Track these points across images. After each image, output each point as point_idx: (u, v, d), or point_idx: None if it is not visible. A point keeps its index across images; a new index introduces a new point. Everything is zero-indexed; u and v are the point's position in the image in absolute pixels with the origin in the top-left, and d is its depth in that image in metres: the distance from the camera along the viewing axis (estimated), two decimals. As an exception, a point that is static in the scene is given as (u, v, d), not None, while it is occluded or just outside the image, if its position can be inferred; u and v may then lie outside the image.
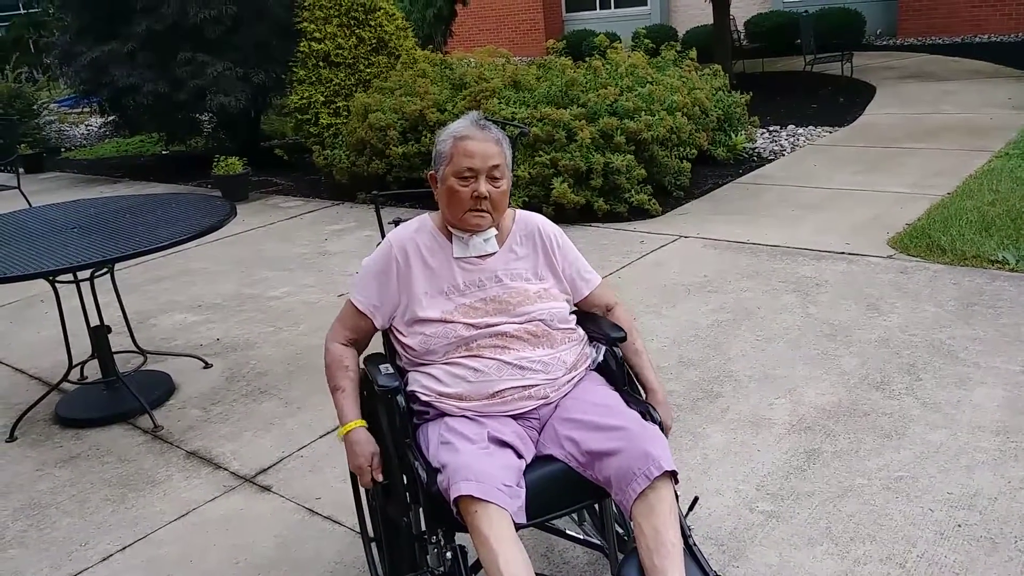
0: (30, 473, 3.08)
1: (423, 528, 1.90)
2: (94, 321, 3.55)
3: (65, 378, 3.59)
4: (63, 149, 12.01)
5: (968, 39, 13.37)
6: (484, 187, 1.94)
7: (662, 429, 1.91)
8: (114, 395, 3.52)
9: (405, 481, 1.89)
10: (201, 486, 2.88)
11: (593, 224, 5.56)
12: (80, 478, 3.00)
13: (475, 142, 1.94)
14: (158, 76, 8.13)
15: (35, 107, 11.89)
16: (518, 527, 1.72)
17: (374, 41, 8.15)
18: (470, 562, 1.83)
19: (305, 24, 7.92)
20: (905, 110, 8.46)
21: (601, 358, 2.09)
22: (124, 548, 2.58)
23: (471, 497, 1.68)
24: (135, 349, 3.83)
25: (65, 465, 3.11)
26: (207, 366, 3.87)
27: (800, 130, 7.98)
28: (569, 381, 1.98)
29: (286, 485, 2.83)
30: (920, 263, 4.27)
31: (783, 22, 14.27)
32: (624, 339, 2.04)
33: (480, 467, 1.73)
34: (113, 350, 3.59)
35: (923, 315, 3.66)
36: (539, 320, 1.96)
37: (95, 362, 3.62)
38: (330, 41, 7.90)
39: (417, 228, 2.06)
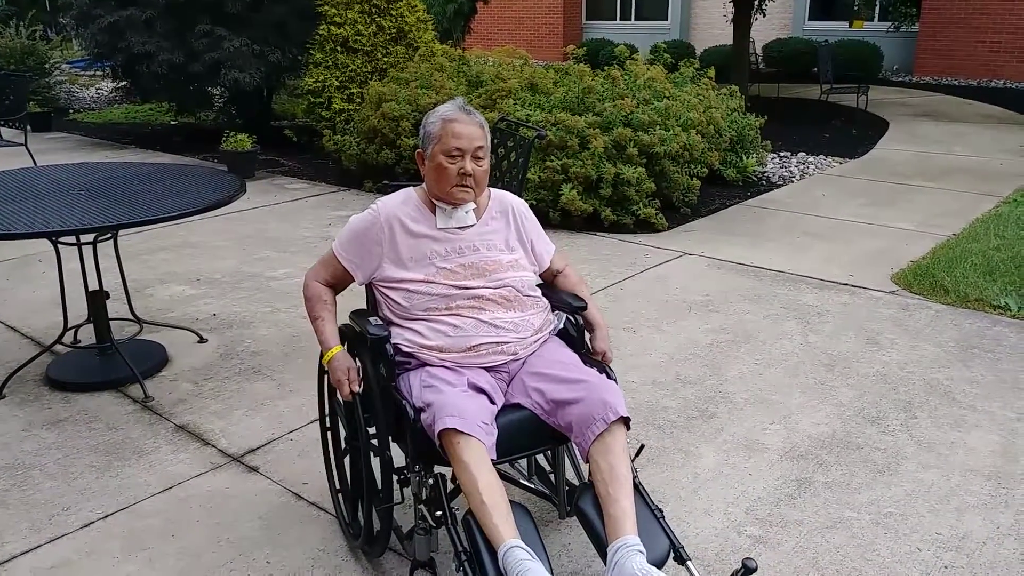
0: (16, 433, 3.05)
1: (402, 463, 2.12)
2: (93, 285, 3.53)
3: (59, 340, 3.57)
4: (71, 110, 11.96)
5: (984, 83, 13.43)
6: (470, 165, 2.16)
7: (608, 371, 2.18)
8: (107, 361, 3.49)
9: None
10: (188, 461, 2.86)
11: (598, 233, 5.56)
12: (66, 442, 2.98)
13: (462, 125, 2.17)
14: (174, 46, 8.10)
15: (47, 66, 11.84)
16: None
17: (394, 31, 8.14)
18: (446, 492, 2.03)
19: (326, 7, 7.91)
20: (917, 148, 8.48)
21: (562, 325, 2.34)
22: (106, 516, 2.55)
23: (455, 430, 1.90)
24: (131, 317, 3.80)
25: (52, 428, 3.08)
26: (202, 341, 3.84)
27: (811, 158, 7.99)
28: (536, 341, 2.23)
29: (274, 467, 2.81)
30: (922, 301, 4.27)
31: (801, 49, 14.32)
32: (585, 308, 2.33)
33: (462, 405, 1.96)
34: (109, 317, 3.57)
35: (922, 353, 3.66)
36: (511, 286, 2.20)
37: (90, 327, 3.59)
38: (350, 27, 7.89)
39: (403, 200, 2.26)
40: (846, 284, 4.54)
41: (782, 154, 8.13)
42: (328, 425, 2.49)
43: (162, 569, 2.31)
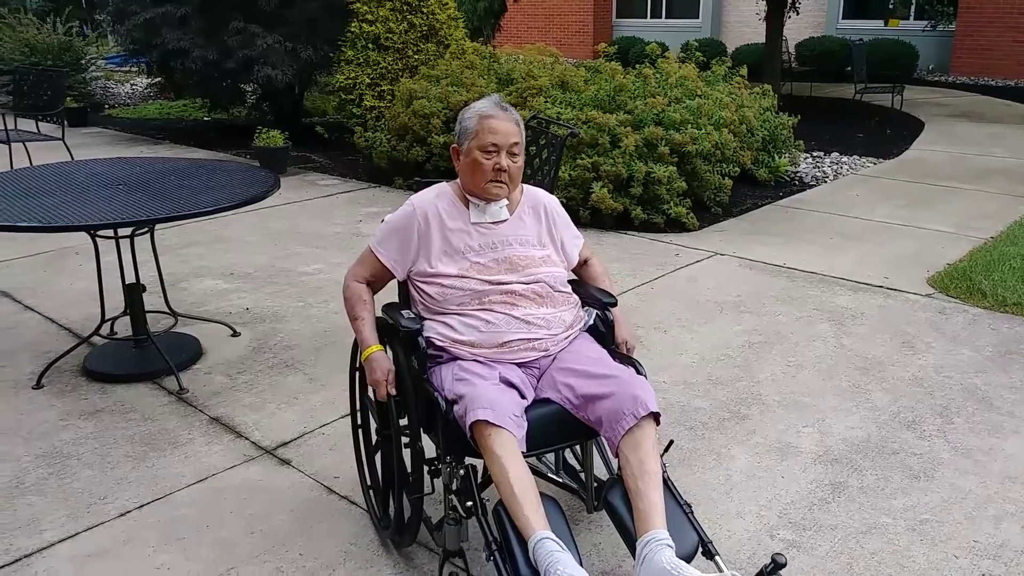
0: (54, 422, 3.11)
1: (433, 455, 2.14)
2: (130, 278, 3.58)
3: (96, 332, 3.62)
4: (107, 106, 12.13)
5: (1021, 83, 13.18)
6: (505, 161, 2.19)
7: (638, 367, 2.19)
8: (143, 353, 3.54)
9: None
10: (222, 453, 2.89)
11: (628, 232, 5.53)
12: (103, 432, 3.02)
13: (498, 121, 2.20)
14: (208, 43, 8.19)
15: (83, 61, 12.02)
16: None
17: (425, 28, 8.17)
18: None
19: (358, 5, 7.96)
20: (953, 149, 8.35)
21: (592, 321, 2.35)
22: (142, 506, 2.59)
23: (486, 422, 1.92)
24: (167, 310, 3.84)
25: (89, 418, 3.13)
26: (235, 334, 3.88)
27: (844, 158, 7.89)
28: (566, 337, 2.24)
29: (306, 461, 2.83)
30: (959, 305, 4.20)
31: (835, 48, 14.14)
32: (615, 304, 2.35)
33: (494, 398, 1.98)
34: (145, 309, 3.61)
35: (959, 358, 3.60)
36: (544, 282, 2.23)
37: (126, 319, 3.64)
38: (381, 24, 7.93)
39: (437, 194, 2.29)
40: (881, 286, 4.48)
41: (815, 154, 8.04)
42: (360, 422, 2.51)
43: (197, 559, 2.34)
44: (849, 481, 2.71)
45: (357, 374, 2.47)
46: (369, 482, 2.51)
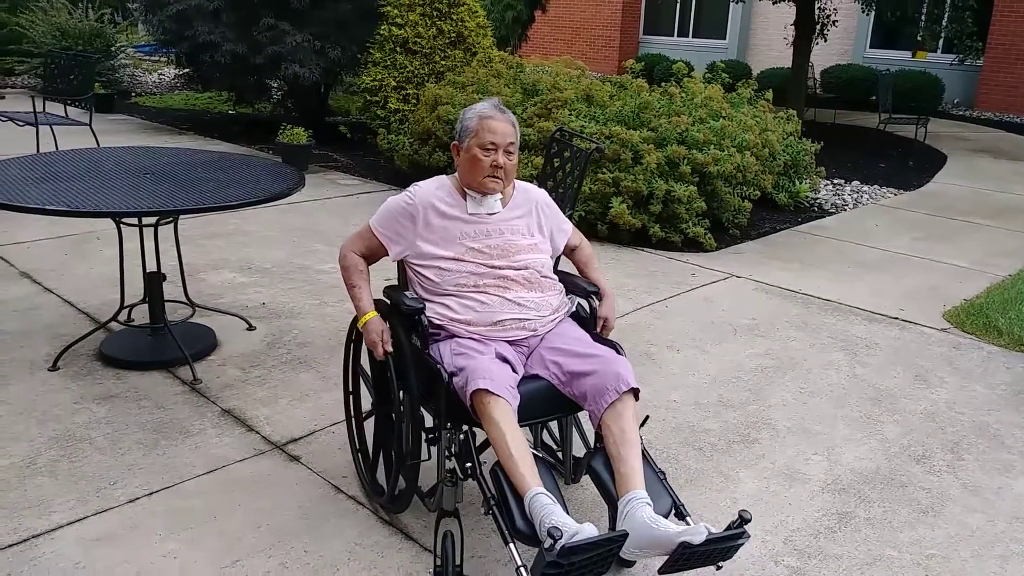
0: (68, 404, 3.13)
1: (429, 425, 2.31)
2: (151, 266, 3.61)
3: (114, 317, 3.65)
4: (133, 94, 12.24)
5: (1046, 122, 13.11)
6: (502, 159, 2.37)
7: (618, 349, 2.34)
8: (159, 342, 3.57)
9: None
10: (232, 445, 2.91)
11: (645, 249, 5.54)
12: (116, 418, 3.05)
13: (497, 122, 2.39)
14: (238, 37, 8.26)
15: (113, 48, 12.14)
16: None
17: (453, 35, 8.20)
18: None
19: (389, 8, 8.01)
20: (974, 184, 8.32)
21: (574, 308, 2.54)
22: (151, 494, 2.61)
23: (486, 391, 2.08)
24: (185, 300, 3.88)
25: (103, 402, 3.16)
26: (251, 328, 3.91)
27: (865, 187, 7.87)
28: (553, 320, 2.44)
29: (315, 458, 2.85)
30: (974, 341, 4.19)
31: (860, 76, 14.11)
32: (598, 293, 2.54)
33: (493, 369, 2.15)
34: (164, 298, 3.64)
35: (972, 394, 3.58)
36: (532, 268, 2.41)
37: (144, 306, 3.68)
38: (410, 28, 7.97)
39: (438, 186, 2.47)
40: (896, 318, 4.46)
41: (836, 181, 8.03)
42: (351, 389, 2.69)
43: (203, 549, 2.36)
44: (856, 511, 2.70)
45: (352, 345, 2.65)
46: (358, 446, 2.68)
